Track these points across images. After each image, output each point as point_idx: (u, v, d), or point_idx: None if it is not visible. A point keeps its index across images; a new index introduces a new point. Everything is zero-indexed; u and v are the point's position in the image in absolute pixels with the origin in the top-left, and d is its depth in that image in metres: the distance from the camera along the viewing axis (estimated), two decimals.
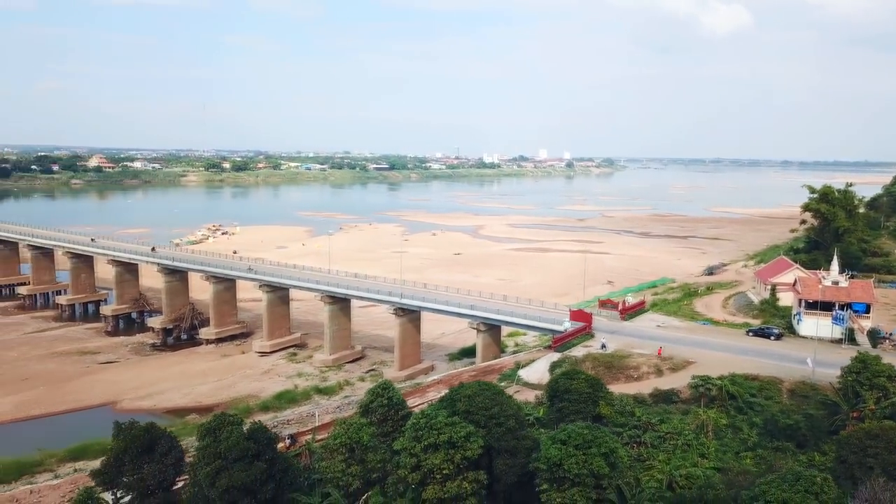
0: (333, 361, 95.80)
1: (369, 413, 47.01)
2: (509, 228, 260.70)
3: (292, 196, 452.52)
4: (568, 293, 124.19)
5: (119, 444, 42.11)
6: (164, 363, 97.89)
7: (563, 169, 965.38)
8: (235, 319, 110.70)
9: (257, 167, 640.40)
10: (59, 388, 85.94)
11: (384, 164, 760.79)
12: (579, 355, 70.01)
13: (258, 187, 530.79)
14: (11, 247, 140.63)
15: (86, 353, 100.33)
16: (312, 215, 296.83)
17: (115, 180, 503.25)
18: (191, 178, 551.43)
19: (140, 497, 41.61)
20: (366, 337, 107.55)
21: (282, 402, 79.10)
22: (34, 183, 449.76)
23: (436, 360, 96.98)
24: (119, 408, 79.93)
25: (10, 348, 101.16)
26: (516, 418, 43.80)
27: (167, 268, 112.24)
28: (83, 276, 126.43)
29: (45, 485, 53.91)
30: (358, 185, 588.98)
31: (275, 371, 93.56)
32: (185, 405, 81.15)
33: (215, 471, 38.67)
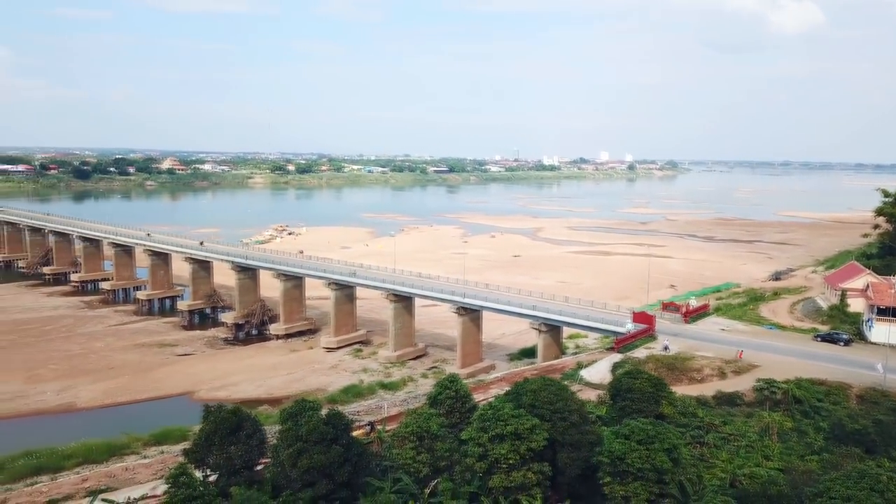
0: (397, 358, 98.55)
1: (437, 404, 49.12)
2: (569, 231, 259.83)
3: (355, 198, 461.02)
4: (629, 296, 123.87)
5: (208, 425, 45.32)
6: (236, 356, 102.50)
7: (624, 171, 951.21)
8: (303, 316, 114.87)
9: (321, 170, 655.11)
10: (142, 377, 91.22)
11: (443, 167, 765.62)
12: (641, 356, 70.56)
13: (322, 189, 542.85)
14: (96, 244, 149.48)
15: (164, 345, 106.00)
16: (374, 217, 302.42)
17: (186, 182, 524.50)
18: (257, 180, 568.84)
19: (227, 475, 44.68)
20: (428, 335, 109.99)
21: (348, 396, 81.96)
22: (112, 184, 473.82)
23: (496, 359, 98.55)
24: (196, 397, 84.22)
25: (97, 339, 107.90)
26: (580, 413, 45.15)
27: (239, 266, 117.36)
28: (161, 272, 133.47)
29: (137, 463, 58.09)
30: (418, 188, 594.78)
31: (341, 366, 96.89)
32: (258, 397, 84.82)
33: (296, 452, 41.39)
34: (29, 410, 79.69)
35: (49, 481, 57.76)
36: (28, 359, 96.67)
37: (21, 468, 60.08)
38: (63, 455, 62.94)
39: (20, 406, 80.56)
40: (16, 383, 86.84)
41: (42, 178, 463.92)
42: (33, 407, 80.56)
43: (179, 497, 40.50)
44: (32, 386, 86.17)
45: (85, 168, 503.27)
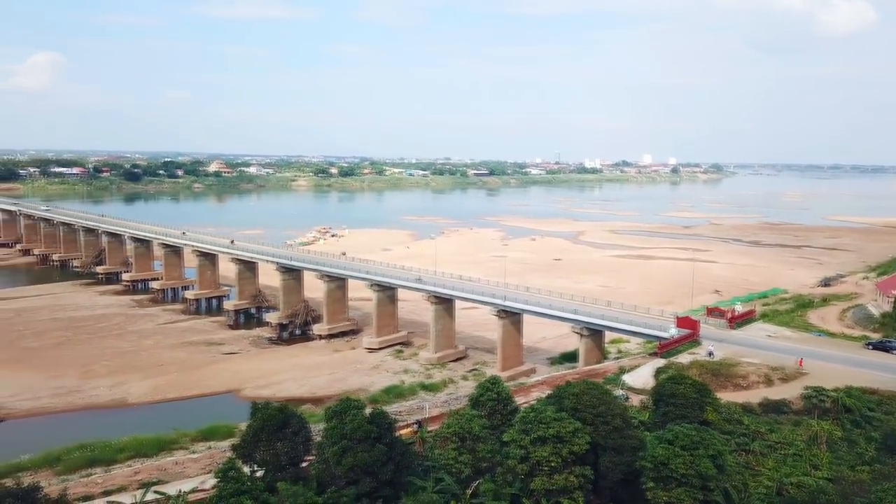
0: (438, 360, 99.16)
1: (479, 406, 49.49)
2: (611, 235, 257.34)
3: (396, 201, 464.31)
4: (672, 301, 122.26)
5: (255, 422, 46.53)
6: (280, 356, 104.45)
7: (667, 174, 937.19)
8: (346, 317, 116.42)
9: (363, 173, 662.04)
10: (189, 374, 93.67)
11: (483, 170, 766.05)
12: (685, 362, 69.73)
13: (363, 192, 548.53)
14: (146, 245, 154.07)
15: (211, 343, 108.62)
16: (415, 219, 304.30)
17: (232, 184, 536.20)
18: (301, 182, 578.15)
19: (273, 471, 45.79)
20: (468, 338, 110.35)
21: (390, 397, 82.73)
22: (161, 186, 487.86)
23: (537, 363, 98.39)
24: (242, 395, 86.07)
25: (146, 337, 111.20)
26: (622, 417, 45.01)
27: (284, 266, 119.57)
28: (208, 273, 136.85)
29: (186, 458, 59.75)
30: (458, 191, 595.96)
31: (383, 367, 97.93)
32: (301, 395, 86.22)
33: (341, 450, 42.23)
34: (83, 405, 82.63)
35: (103, 473, 59.81)
36: (82, 355, 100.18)
37: (76, 460, 62.27)
38: (116, 448, 64.98)
39: (75, 400, 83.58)
40: (71, 378, 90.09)
41: (95, 180, 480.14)
42: (87, 401, 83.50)
43: (228, 491, 41.69)
44: (86, 381, 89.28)
45: (135, 171, 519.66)
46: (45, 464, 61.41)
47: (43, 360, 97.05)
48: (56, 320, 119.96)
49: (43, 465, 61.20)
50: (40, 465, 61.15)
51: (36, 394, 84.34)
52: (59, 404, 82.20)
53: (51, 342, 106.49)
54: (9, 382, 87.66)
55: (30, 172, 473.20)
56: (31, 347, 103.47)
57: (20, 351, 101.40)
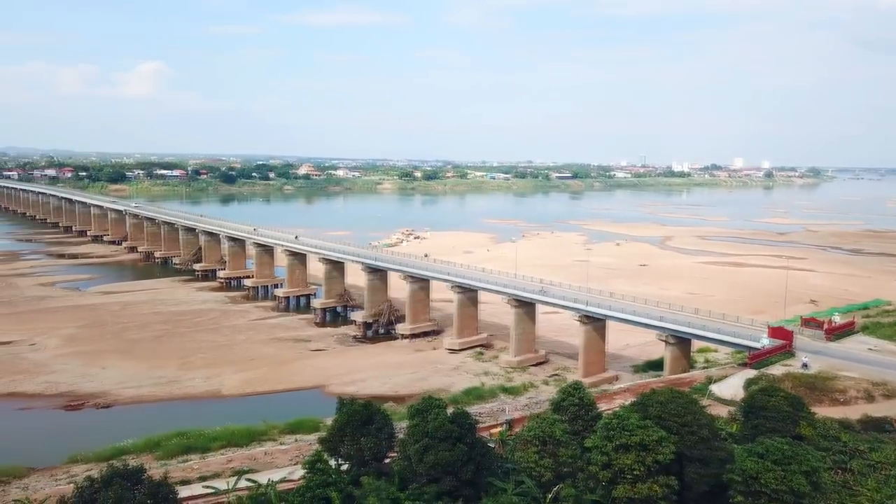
0: (518, 363, 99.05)
1: (561, 410, 49.26)
2: (700, 240, 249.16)
3: (477, 204, 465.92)
4: (764, 311, 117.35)
5: (341, 416, 48.03)
6: (364, 354, 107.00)
7: (760, 179, 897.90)
8: (428, 317, 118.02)
9: (446, 176, 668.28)
10: (279, 369, 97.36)
11: (567, 173, 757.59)
12: (777, 374, 66.97)
13: (446, 195, 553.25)
14: (240, 244, 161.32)
15: (299, 340, 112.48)
16: (496, 222, 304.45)
17: (320, 187, 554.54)
18: (386, 185, 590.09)
19: (357, 465, 47.13)
20: (549, 342, 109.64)
21: (470, 398, 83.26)
22: (254, 188, 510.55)
23: (620, 370, 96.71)
24: (327, 391, 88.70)
25: (239, 332, 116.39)
26: (710, 428, 43.77)
27: (369, 267, 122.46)
28: (297, 272, 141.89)
29: (275, 449, 62.37)
30: (540, 194, 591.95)
31: (463, 368, 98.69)
32: (384, 393, 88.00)
33: (423, 448, 43.02)
34: (181, 394, 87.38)
35: (199, 459, 63.21)
36: (181, 347, 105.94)
37: (175, 446, 66.08)
38: (210, 437, 68.46)
39: (174, 390, 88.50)
40: (171, 369, 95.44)
41: (194, 182, 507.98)
42: (185, 391, 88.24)
43: (315, 482, 43.27)
44: (184, 372, 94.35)
45: (231, 173, 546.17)
46: (146, 448, 65.59)
47: (145, 351, 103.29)
48: (157, 314, 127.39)
49: (145, 449, 65.37)
50: (143, 449, 65.34)
51: (139, 382, 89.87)
52: (160, 393, 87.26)
53: (152, 334, 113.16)
54: (116, 371, 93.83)
55: (136, 175, 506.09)
56: (135, 339, 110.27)
57: (126, 342, 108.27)
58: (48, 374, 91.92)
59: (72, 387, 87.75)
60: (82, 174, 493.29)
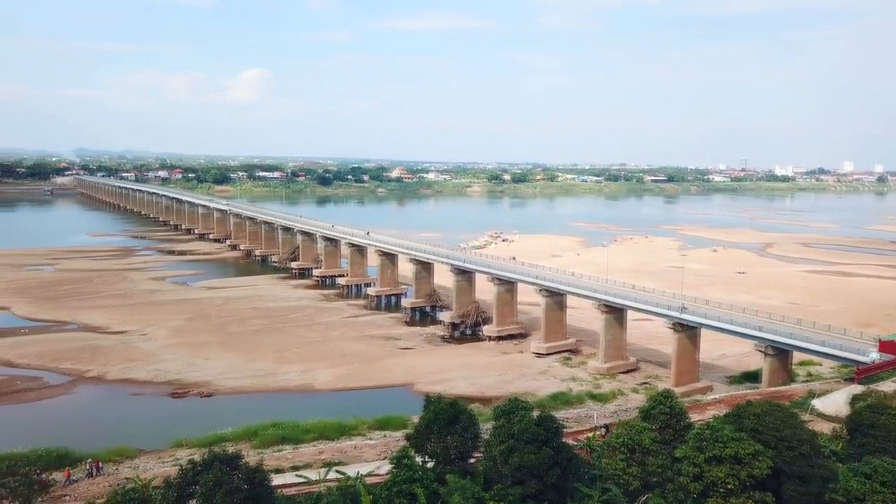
0: (607, 370, 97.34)
1: (650, 419, 48.22)
2: (803, 248, 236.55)
3: (567, 207, 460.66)
4: (874, 323, 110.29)
5: (428, 414, 48.91)
6: (451, 354, 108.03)
7: (872, 184, 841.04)
8: (514, 320, 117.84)
9: (535, 179, 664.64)
10: (369, 366, 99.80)
11: (661, 177, 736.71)
12: (888, 390, 62.89)
13: (535, 198, 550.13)
14: (335, 244, 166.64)
15: (389, 338, 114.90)
16: (586, 226, 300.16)
17: (411, 189, 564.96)
18: (475, 188, 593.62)
19: (443, 463, 47.85)
20: (639, 350, 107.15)
21: (556, 403, 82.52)
22: (349, 190, 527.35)
23: (714, 381, 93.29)
24: (415, 389, 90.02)
25: (333, 329, 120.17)
26: (811, 444, 41.69)
27: (457, 268, 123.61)
28: (389, 271, 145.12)
29: (364, 444, 64.19)
30: (633, 198, 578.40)
31: (550, 373, 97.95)
32: (470, 394, 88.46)
33: (508, 449, 43.22)
34: (277, 387, 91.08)
35: (292, 450, 65.82)
36: (277, 342, 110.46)
37: (270, 436, 69.01)
38: (303, 429, 70.96)
39: (270, 383, 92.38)
40: (267, 363, 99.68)
41: (292, 183, 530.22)
42: (280, 385, 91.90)
43: (402, 477, 44.24)
44: (280, 366, 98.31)
45: (327, 175, 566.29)
46: (244, 437, 68.75)
47: (244, 345, 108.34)
48: (256, 309, 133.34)
49: (242, 437, 68.53)
50: (240, 437, 68.51)
51: (238, 374, 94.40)
52: (257, 385, 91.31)
53: (251, 329, 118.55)
54: (217, 363, 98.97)
55: (239, 176, 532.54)
56: (235, 332, 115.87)
57: (226, 335, 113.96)
58: (157, 363, 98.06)
59: (178, 375, 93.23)
60: (190, 175, 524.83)
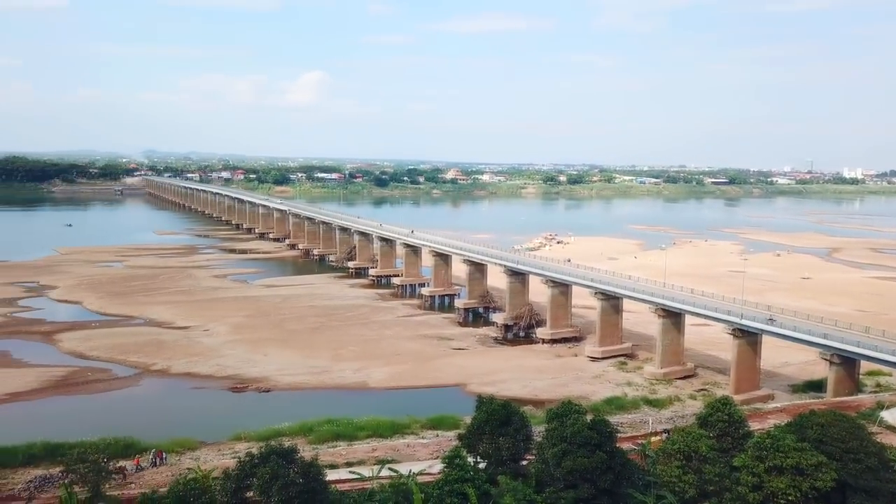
0: (663, 375, 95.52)
1: (707, 426, 47.17)
2: (873, 253, 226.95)
3: (624, 209, 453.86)
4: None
5: (480, 415, 49.11)
6: (504, 356, 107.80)
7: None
8: (569, 323, 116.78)
9: (591, 180, 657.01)
10: (422, 365, 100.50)
11: (722, 179, 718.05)
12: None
13: (591, 200, 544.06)
14: (390, 244, 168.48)
15: (442, 338, 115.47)
16: (644, 229, 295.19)
17: (466, 191, 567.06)
18: (530, 189, 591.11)
19: (494, 464, 47.96)
20: (697, 355, 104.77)
21: (611, 408, 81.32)
22: (404, 192, 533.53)
23: (776, 389, 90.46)
24: (467, 390, 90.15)
25: (387, 327, 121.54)
26: (879, 458, 40.15)
27: (511, 270, 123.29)
28: (442, 272, 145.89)
29: (416, 442, 64.77)
30: (692, 200, 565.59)
31: (605, 377, 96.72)
32: (522, 396, 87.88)
33: (561, 452, 42.98)
34: (332, 384, 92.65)
35: (346, 446, 66.93)
36: (333, 340, 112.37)
37: (325, 432, 70.28)
38: (357, 426, 72.04)
39: (326, 379, 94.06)
40: (323, 360, 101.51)
41: (350, 185, 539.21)
42: (335, 382, 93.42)
43: (453, 477, 44.52)
44: (335, 363, 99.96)
45: (383, 177, 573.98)
46: (300, 432, 70.17)
47: (301, 342, 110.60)
48: (313, 307, 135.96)
49: (298, 433, 69.94)
50: (296, 432, 69.94)
51: (295, 370, 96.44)
52: (313, 381, 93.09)
53: (308, 326, 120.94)
54: (275, 359, 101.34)
55: (298, 177, 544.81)
56: (293, 330, 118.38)
57: (285, 332, 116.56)
58: (218, 358, 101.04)
59: (238, 371, 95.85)
60: (252, 176, 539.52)
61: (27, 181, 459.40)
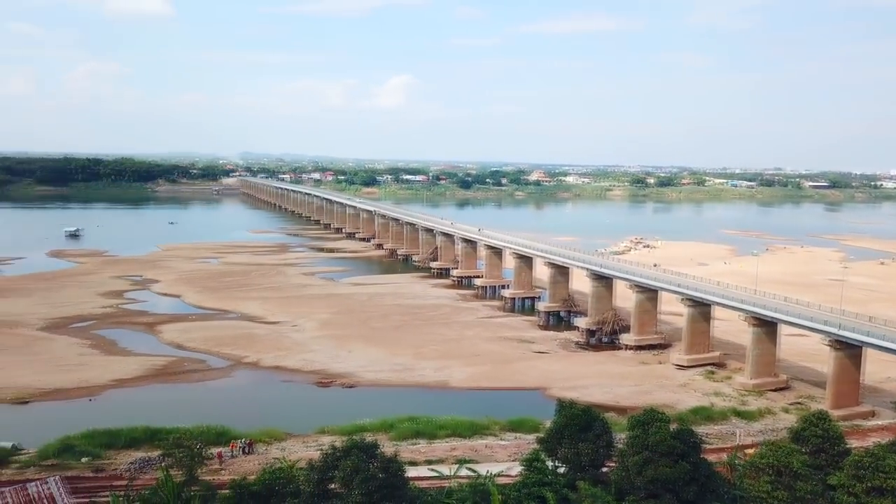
0: (754, 386, 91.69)
1: (801, 441, 45.14)
2: None
3: (716, 213, 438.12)
4: None
5: (561, 419, 48.81)
6: (586, 361, 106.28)
7: None
8: (654, 330, 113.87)
9: (681, 183, 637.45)
10: (502, 367, 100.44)
11: (822, 182, 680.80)
12: None
13: (680, 203, 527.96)
14: (472, 245, 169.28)
15: (523, 341, 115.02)
16: (736, 234, 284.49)
17: (550, 193, 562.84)
18: (616, 192, 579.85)
19: (574, 469, 47.55)
20: (792, 367, 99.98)
21: (697, 418, 78.72)
22: (487, 193, 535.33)
23: (878, 405, 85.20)
24: (548, 394, 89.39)
25: (468, 328, 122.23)
26: None
27: (595, 273, 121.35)
28: (524, 274, 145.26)
29: (496, 444, 65.06)
30: (789, 205, 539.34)
31: (691, 386, 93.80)
32: (605, 403, 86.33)
33: (643, 461, 42.21)
34: (413, 382, 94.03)
35: (426, 444, 68.00)
36: (416, 338, 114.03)
37: (406, 429, 71.55)
38: (437, 425, 72.93)
39: (407, 377, 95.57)
40: (406, 358, 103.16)
41: (434, 186, 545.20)
42: (417, 380, 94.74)
43: (532, 480, 44.57)
44: (417, 362, 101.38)
45: (467, 179, 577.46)
46: (381, 428, 71.67)
47: (385, 340, 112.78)
48: (397, 306, 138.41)
49: (380, 429, 71.44)
50: (378, 428, 71.46)
51: (379, 367, 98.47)
52: (395, 379, 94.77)
53: (392, 324, 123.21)
54: (360, 355, 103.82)
55: (385, 179, 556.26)
56: (377, 327, 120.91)
57: (369, 329, 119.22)
58: (306, 353, 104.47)
59: (324, 366, 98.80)
60: (341, 178, 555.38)
61: (134, 181, 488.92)
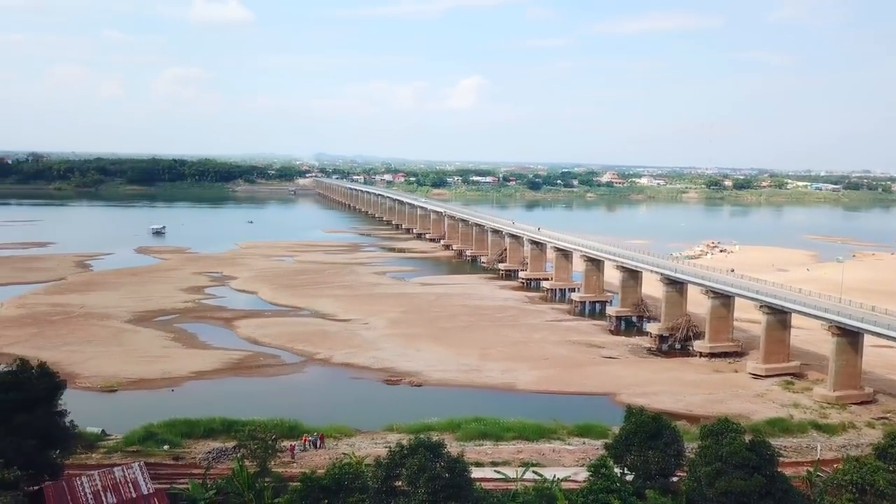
0: (835, 399, 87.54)
1: (886, 457, 42.98)
2: None
3: (797, 217, 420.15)
4: None
5: (629, 425, 48.11)
6: (657, 367, 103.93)
7: None
8: (729, 337, 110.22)
9: (760, 186, 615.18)
10: (570, 371, 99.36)
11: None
12: None
13: (759, 206, 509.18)
14: (541, 248, 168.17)
15: (592, 345, 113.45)
16: (818, 239, 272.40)
17: (622, 195, 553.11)
18: (691, 194, 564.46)
19: (642, 478, 46.77)
20: (878, 380, 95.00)
21: (773, 429, 75.77)
22: (557, 195, 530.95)
23: None
24: (617, 399, 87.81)
25: (535, 331, 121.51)
26: None
27: (667, 278, 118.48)
28: (594, 277, 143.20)
29: (562, 448, 64.58)
30: (878, 209, 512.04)
31: (768, 396, 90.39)
32: (675, 411, 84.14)
33: (715, 472, 41.13)
34: (480, 383, 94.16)
35: (492, 446, 68.16)
36: (482, 339, 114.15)
37: (472, 430, 71.82)
38: (503, 427, 72.88)
39: (474, 378, 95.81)
40: (472, 358, 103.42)
41: (503, 188, 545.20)
42: (483, 381, 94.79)
43: (598, 486, 44.04)
44: (484, 363, 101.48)
45: (537, 180, 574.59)
46: (448, 428, 72.08)
47: (452, 339, 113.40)
48: (464, 306, 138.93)
49: (446, 428, 71.87)
50: (444, 428, 71.90)
51: (445, 367, 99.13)
52: (461, 379, 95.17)
53: (459, 325, 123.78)
54: (427, 354, 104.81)
55: (454, 180, 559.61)
56: (445, 327, 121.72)
57: (437, 329, 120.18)
58: (375, 351, 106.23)
59: (392, 364, 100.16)
60: (411, 179, 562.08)
61: (215, 181, 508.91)
